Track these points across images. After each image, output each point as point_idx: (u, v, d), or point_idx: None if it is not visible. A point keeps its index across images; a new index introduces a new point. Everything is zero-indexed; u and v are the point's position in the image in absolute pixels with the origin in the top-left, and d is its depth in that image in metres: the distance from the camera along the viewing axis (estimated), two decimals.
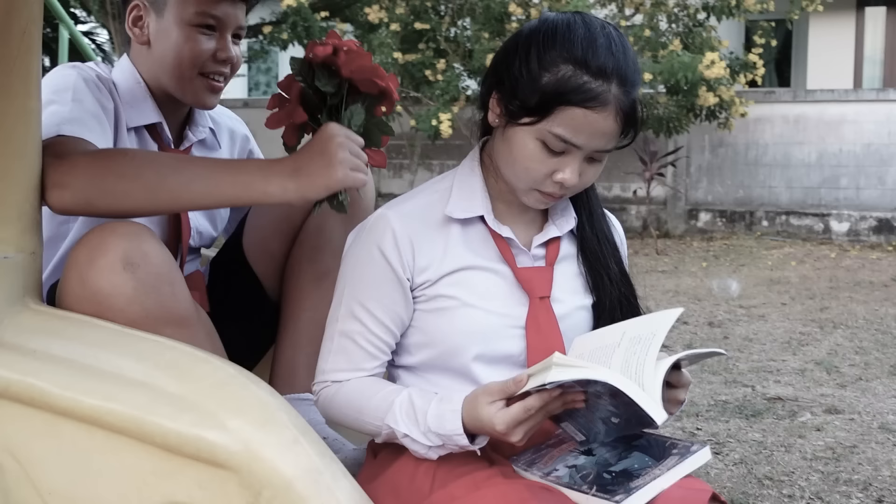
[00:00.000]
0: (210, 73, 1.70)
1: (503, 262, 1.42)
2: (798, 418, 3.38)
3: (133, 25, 1.70)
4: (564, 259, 1.48)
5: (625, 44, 1.34)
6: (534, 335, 1.40)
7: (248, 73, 16.26)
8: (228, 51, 1.70)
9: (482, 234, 1.43)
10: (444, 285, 1.40)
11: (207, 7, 1.66)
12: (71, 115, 1.51)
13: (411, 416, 1.32)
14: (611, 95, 1.29)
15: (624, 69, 1.31)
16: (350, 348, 1.41)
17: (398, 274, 1.38)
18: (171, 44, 1.67)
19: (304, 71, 1.45)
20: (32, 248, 1.39)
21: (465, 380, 1.39)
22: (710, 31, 9.94)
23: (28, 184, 1.38)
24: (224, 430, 1.16)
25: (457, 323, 1.38)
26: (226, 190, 1.40)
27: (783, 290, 6.42)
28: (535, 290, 1.41)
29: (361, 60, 1.43)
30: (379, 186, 11.78)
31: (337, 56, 1.43)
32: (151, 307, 1.35)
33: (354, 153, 1.40)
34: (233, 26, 1.71)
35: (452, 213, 1.41)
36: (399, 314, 1.40)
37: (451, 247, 1.41)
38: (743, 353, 4.49)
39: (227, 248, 1.94)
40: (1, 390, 1.31)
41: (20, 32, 1.34)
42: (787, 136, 10.72)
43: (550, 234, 1.46)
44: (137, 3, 1.69)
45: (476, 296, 1.39)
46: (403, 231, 1.38)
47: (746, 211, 10.62)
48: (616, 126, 1.31)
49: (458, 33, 9.85)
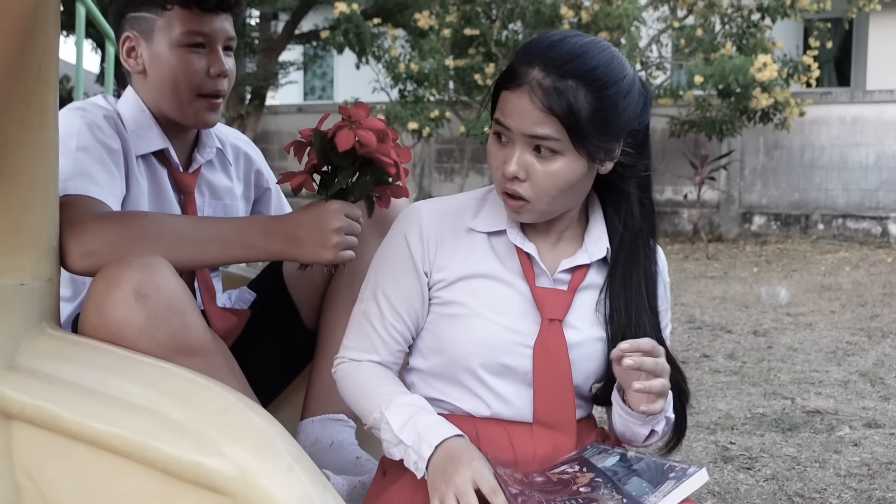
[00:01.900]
0: (208, 93, 1.73)
1: (523, 277, 1.44)
2: (836, 432, 3.33)
3: (127, 57, 1.75)
4: (590, 287, 1.47)
5: (583, 47, 1.34)
6: (541, 356, 1.41)
7: (303, 79, 16.44)
8: (221, 64, 1.73)
9: (508, 246, 1.45)
10: (459, 290, 1.43)
11: (193, 25, 1.70)
12: (75, 168, 1.56)
13: (407, 410, 1.35)
14: (528, 77, 1.32)
15: (553, 57, 1.32)
16: (368, 330, 1.48)
17: (417, 266, 1.44)
18: (165, 68, 1.71)
19: (325, 146, 1.49)
20: (49, 275, 1.45)
21: (470, 392, 1.42)
22: (763, 31, 9.81)
23: (45, 213, 1.43)
24: (221, 457, 1.19)
25: (465, 330, 1.41)
26: (237, 253, 1.54)
27: (833, 297, 6.32)
28: (546, 311, 1.42)
29: (381, 143, 1.47)
30: (430, 190, 11.83)
31: (358, 145, 1.47)
32: (162, 337, 1.40)
33: (350, 231, 1.51)
34: (222, 39, 1.74)
35: (476, 226, 1.46)
36: (414, 306, 1.45)
37: (474, 253, 1.45)
38: (786, 363, 4.44)
39: (267, 273, 1.99)
40: (17, 413, 1.36)
41: (36, 67, 1.39)
42: (844, 138, 10.55)
43: (579, 260, 1.45)
44: (128, 34, 1.73)
45: (487, 306, 1.42)
46: (430, 226, 1.45)
47: (802, 214, 10.47)
48: (533, 106, 1.31)
49: (508, 37, 9.86)
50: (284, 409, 2.01)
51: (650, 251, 1.48)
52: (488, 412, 1.43)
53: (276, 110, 13.27)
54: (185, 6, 1.69)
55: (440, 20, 9.78)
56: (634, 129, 1.39)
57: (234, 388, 1.43)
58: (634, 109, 1.38)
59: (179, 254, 1.49)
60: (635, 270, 1.46)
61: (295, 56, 14.33)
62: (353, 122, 1.46)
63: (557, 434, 1.42)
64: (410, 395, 1.42)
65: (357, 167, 1.51)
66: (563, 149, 1.33)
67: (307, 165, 1.52)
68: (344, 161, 1.50)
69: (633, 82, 1.38)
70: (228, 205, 1.91)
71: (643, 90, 1.40)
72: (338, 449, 1.77)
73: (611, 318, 1.45)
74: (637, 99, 1.38)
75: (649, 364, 1.30)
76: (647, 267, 1.47)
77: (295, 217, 1.54)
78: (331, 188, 1.53)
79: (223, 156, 1.91)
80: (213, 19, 1.72)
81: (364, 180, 1.53)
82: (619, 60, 1.37)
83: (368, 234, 1.83)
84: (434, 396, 1.45)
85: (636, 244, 1.46)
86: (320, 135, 1.48)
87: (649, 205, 1.49)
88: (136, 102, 1.76)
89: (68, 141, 1.59)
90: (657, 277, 1.49)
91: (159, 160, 1.78)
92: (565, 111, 1.31)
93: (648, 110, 1.41)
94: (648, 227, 1.48)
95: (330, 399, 1.84)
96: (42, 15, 1.34)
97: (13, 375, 1.37)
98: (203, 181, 1.86)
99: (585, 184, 1.41)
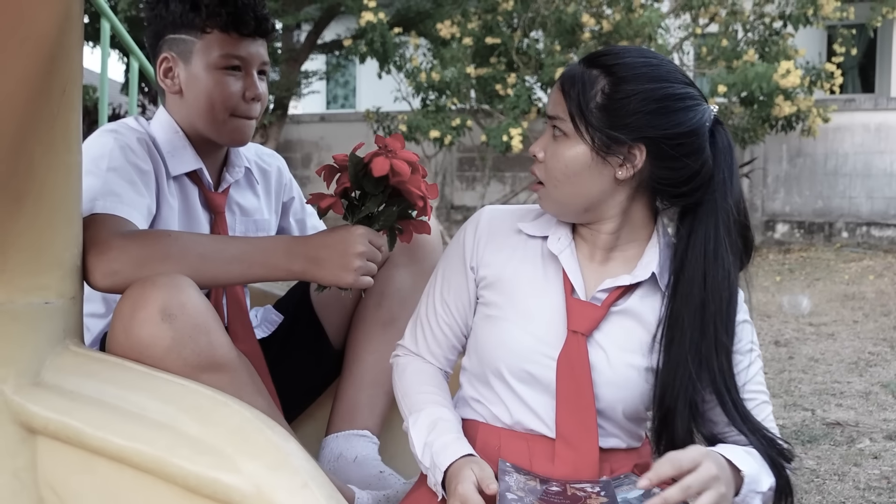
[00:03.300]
0: (241, 114, 1.78)
1: (561, 287, 1.45)
2: (856, 445, 3.32)
3: (164, 77, 1.80)
4: (633, 313, 1.44)
5: (627, 48, 1.43)
6: (564, 369, 1.41)
7: (326, 88, 16.52)
8: (256, 88, 1.78)
9: (554, 255, 1.47)
10: (498, 292, 1.47)
11: (231, 49, 1.75)
12: (105, 187, 1.60)
13: (426, 429, 1.42)
14: (569, 69, 1.42)
15: (595, 53, 1.43)
16: (423, 324, 1.57)
17: (466, 261, 1.51)
18: (201, 89, 1.76)
19: (358, 171, 1.53)
20: (72, 294, 1.48)
21: (497, 396, 1.46)
22: (786, 39, 9.77)
23: (68, 233, 1.47)
24: (238, 473, 1.22)
25: (496, 334, 1.45)
26: (257, 272, 1.57)
27: (857, 307, 6.29)
28: (572, 323, 1.42)
29: (413, 174, 1.53)
30: (452, 199, 11.86)
31: (391, 173, 1.51)
32: (189, 356, 1.43)
33: (371, 258, 1.55)
34: (257, 63, 1.79)
35: (524, 228, 1.49)
36: (463, 301, 1.52)
37: (518, 255, 1.48)
38: (807, 374, 4.42)
39: (295, 294, 2.03)
40: (41, 428, 1.40)
41: (60, 92, 1.43)
42: (869, 145, 10.48)
43: (621, 281, 1.43)
44: (166, 55, 1.78)
45: (519, 312, 1.44)
46: (487, 225, 1.52)
47: (826, 222, 10.41)
48: (557, 90, 1.41)
49: (529, 46, 9.87)
50: (309, 424, 2.04)
51: (724, 283, 1.39)
52: (510, 420, 1.45)
53: (299, 119, 13.33)
54: (224, 30, 1.75)
55: (461, 29, 9.82)
56: (652, 136, 1.37)
57: (258, 403, 1.48)
58: (656, 117, 1.36)
59: (201, 272, 1.53)
60: (695, 302, 1.38)
61: (317, 65, 14.41)
62: (388, 151, 1.51)
63: (579, 456, 1.40)
64: (435, 406, 1.47)
65: (386, 196, 1.56)
66: (569, 131, 1.39)
67: (338, 189, 1.56)
68: (375, 188, 1.54)
69: (673, 96, 1.37)
70: (259, 220, 1.95)
71: (693, 115, 1.38)
72: (361, 464, 1.81)
73: (666, 350, 1.40)
74: (668, 110, 1.37)
75: (684, 493, 1.21)
76: (716, 301, 1.38)
77: (319, 238, 1.57)
78: (357, 214, 1.57)
79: (250, 174, 1.96)
80: (249, 44, 1.77)
81: (391, 210, 1.57)
82: (661, 69, 1.38)
83: (399, 259, 1.89)
84: (474, 397, 1.50)
85: (701, 274, 1.39)
86: (356, 159, 1.53)
87: (727, 235, 1.40)
88: (170, 124, 1.81)
89: (100, 161, 1.64)
90: (731, 313, 1.41)
91: (191, 180, 1.82)
92: (576, 93, 1.38)
93: (680, 128, 1.37)
94: (719, 258, 1.39)
95: (355, 416, 1.88)
96: (66, 40, 1.38)
97: (38, 391, 1.41)
98: (232, 200, 1.90)
99: (598, 182, 1.40)
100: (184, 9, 1.75)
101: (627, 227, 1.45)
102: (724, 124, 1.44)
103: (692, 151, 1.38)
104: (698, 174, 1.39)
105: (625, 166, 1.38)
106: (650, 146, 1.37)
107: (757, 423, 1.38)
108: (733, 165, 1.42)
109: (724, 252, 1.39)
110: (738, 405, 1.38)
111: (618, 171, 1.39)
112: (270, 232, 1.99)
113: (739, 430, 1.37)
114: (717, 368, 1.38)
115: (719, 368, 1.38)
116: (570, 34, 9.45)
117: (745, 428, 1.37)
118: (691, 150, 1.38)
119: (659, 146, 1.38)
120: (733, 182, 1.41)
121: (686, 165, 1.38)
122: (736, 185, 1.42)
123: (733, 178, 1.41)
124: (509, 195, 10.43)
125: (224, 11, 1.73)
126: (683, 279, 1.40)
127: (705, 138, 1.40)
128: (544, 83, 9.49)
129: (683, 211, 1.43)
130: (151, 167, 1.72)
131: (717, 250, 1.39)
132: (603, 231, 1.45)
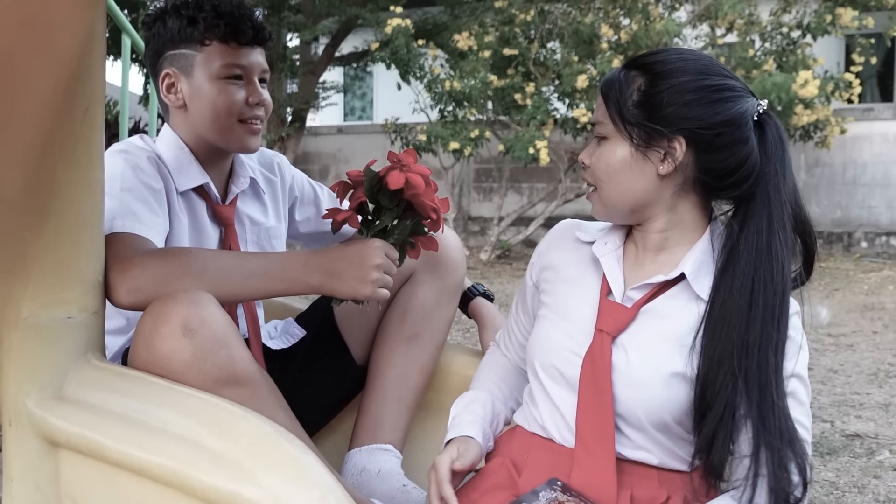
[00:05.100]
0: (247, 119, 1.80)
1: (599, 288, 1.47)
2: (876, 457, 3.31)
3: (168, 93, 1.81)
4: (663, 313, 1.40)
5: (666, 48, 1.49)
6: (587, 368, 1.40)
7: (343, 100, 16.60)
8: (259, 95, 1.81)
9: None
10: (549, 294, 1.54)
11: (231, 59, 1.78)
12: (122, 207, 1.63)
13: (466, 404, 1.59)
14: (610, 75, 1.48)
15: (635, 56, 1.49)
16: (507, 324, 1.72)
17: (532, 268, 1.62)
18: (205, 100, 1.78)
19: (374, 184, 1.57)
20: (94, 308, 1.50)
21: (530, 393, 1.52)
22: (804, 48, 9.75)
23: (91, 249, 1.49)
24: (258, 487, 1.24)
25: (537, 332, 1.52)
26: (276, 286, 1.59)
27: (876, 318, 6.26)
28: (600, 322, 1.42)
29: (426, 188, 1.57)
30: (469, 210, 11.87)
31: (407, 187, 1.55)
32: (209, 370, 1.45)
33: (387, 271, 1.58)
34: (258, 71, 1.82)
35: (582, 235, 1.55)
36: (533, 304, 1.62)
37: (574, 259, 1.54)
38: (826, 385, 4.41)
39: (317, 309, 2.05)
40: (64, 441, 1.42)
41: (83, 110, 1.45)
42: (887, 155, 10.43)
43: (654, 279, 1.41)
44: (168, 71, 1.80)
45: (557, 310, 1.50)
46: (551, 237, 1.62)
47: (844, 232, 10.37)
48: (599, 96, 1.47)
49: (546, 57, 9.89)
50: (331, 437, 2.06)
51: (777, 278, 1.33)
52: (541, 419, 1.47)
53: (317, 132, 13.41)
54: (223, 41, 1.77)
55: (479, 41, 9.85)
56: (690, 127, 1.36)
57: (279, 417, 1.50)
58: (692, 107, 1.36)
59: (222, 288, 1.55)
60: (744, 297, 1.33)
61: (335, 77, 14.48)
62: (402, 165, 1.55)
63: (596, 462, 1.38)
64: (480, 391, 1.63)
65: (400, 210, 1.59)
66: (610, 133, 1.42)
67: (352, 204, 1.59)
68: (389, 202, 1.57)
69: (709, 87, 1.37)
70: (270, 228, 1.97)
71: (732, 105, 1.37)
72: (385, 477, 1.82)
73: (702, 357, 1.34)
74: (705, 101, 1.36)
75: None
76: (767, 295, 1.32)
77: (336, 252, 1.59)
78: (372, 228, 1.60)
79: (255, 183, 1.97)
80: (249, 53, 1.80)
81: (404, 224, 1.61)
82: (698, 63, 1.39)
83: (423, 276, 1.92)
84: (525, 397, 1.56)
85: (752, 268, 1.34)
86: (371, 173, 1.56)
87: (781, 229, 1.35)
88: (175, 140, 1.83)
89: (113, 182, 1.66)
90: (783, 309, 1.34)
91: (198, 195, 1.84)
92: (615, 94, 1.42)
93: (717, 117, 1.36)
94: (772, 252, 1.33)
95: (378, 430, 1.90)
96: (89, 59, 1.40)
97: (60, 405, 1.43)
98: (241, 211, 1.92)
99: (641, 179, 1.40)
100: (182, 24, 1.77)
101: (678, 227, 1.43)
102: (775, 118, 1.41)
103: (733, 142, 1.36)
104: (743, 164, 1.36)
105: (666, 161, 1.38)
106: (689, 138, 1.37)
107: (789, 433, 1.28)
108: (785, 159, 1.38)
109: (779, 246, 1.33)
110: (777, 406, 1.29)
111: (659, 167, 1.38)
112: (281, 238, 2.01)
113: (766, 443, 1.28)
114: (763, 359, 1.30)
115: (762, 385, 1.30)
116: (588, 45, 9.47)
117: (773, 440, 1.27)
118: (732, 140, 1.36)
119: (698, 137, 1.36)
120: (786, 176, 1.37)
121: (728, 156, 1.36)
122: (789, 179, 1.37)
123: (786, 172, 1.37)
124: (526, 206, 10.44)
125: (222, 23, 1.76)
126: (731, 273, 1.35)
127: (748, 129, 1.37)
128: (562, 94, 9.51)
129: (736, 207, 1.41)
130: (162, 185, 1.75)
131: (771, 243, 1.33)
132: (652, 231, 1.44)
